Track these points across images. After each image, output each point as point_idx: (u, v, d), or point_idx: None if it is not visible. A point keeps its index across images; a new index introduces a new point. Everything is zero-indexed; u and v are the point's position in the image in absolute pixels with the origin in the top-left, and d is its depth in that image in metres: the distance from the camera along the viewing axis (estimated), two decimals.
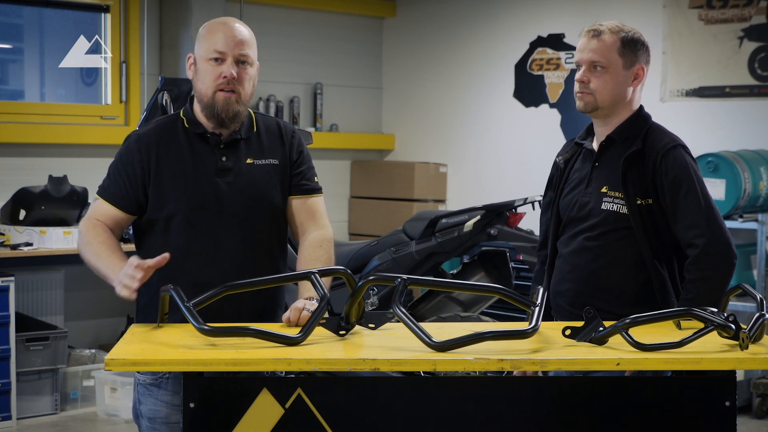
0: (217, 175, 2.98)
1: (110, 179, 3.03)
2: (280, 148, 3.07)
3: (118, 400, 5.90)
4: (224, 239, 2.97)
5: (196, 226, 2.96)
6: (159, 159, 2.99)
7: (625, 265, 3.07)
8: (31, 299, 6.31)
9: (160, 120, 3.12)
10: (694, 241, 2.98)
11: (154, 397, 2.96)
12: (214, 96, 2.95)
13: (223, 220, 2.97)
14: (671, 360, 2.43)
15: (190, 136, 3.02)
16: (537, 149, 7.53)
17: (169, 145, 3.00)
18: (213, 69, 2.96)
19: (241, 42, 2.98)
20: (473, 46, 7.99)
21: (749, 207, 6.17)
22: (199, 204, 2.96)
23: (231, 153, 3.01)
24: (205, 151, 3.00)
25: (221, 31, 2.98)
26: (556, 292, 3.19)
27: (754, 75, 6.61)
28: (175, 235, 2.97)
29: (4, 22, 6.94)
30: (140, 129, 3.11)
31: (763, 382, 5.94)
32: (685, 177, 3.02)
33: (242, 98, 2.98)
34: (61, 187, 6.07)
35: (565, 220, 3.20)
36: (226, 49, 2.95)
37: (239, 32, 3.00)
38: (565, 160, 3.25)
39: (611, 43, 3.10)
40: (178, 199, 2.96)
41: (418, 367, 2.46)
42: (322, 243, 3.02)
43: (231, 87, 2.95)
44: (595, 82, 3.10)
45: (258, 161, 3.03)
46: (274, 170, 3.04)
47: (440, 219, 5.54)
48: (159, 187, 2.98)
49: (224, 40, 2.96)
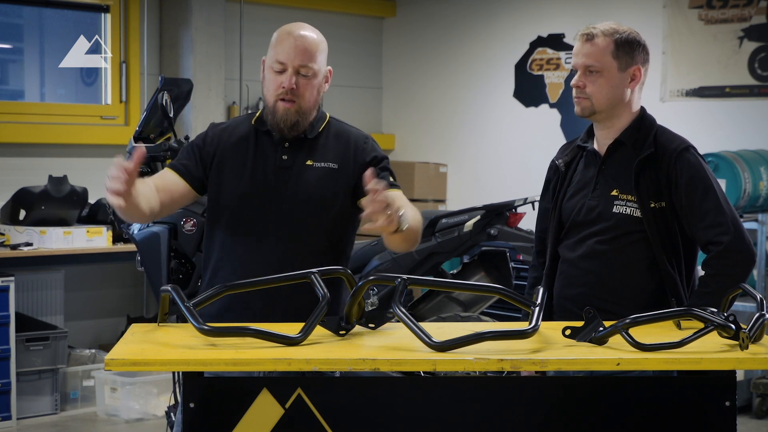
0: (275, 173, 3.06)
1: (184, 153, 3.14)
2: (343, 153, 3.10)
3: (118, 400, 5.90)
4: (269, 234, 3.03)
5: (245, 218, 3.05)
6: (225, 148, 3.09)
7: (638, 268, 3.06)
8: (31, 299, 6.31)
9: (237, 117, 3.24)
10: (717, 238, 2.98)
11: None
12: (275, 105, 3.04)
13: (271, 216, 3.04)
14: (671, 360, 2.43)
15: (259, 132, 3.11)
16: (537, 149, 7.53)
17: (237, 139, 3.11)
18: (275, 78, 3.04)
19: (303, 52, 3.02)
20: (473, 46, 8.00)
21: (749, 207, 6.18)
22: (252, 198, 3.05)
23: (293, 152, 3.08)
24: (269, 149, 3.09)
25: (286, 41, 3.04)
26: (564, 296, 3.16)
27: (754, 75, 6.61)
28: (224, 224, 3.07)
29: (4, 22, 6.94)
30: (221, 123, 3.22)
31: (763, 382, 5.94)
32: (701, 178, 3.02)
33: (302, 108, 3.04)
34: (61, 187, 6.07)
35: (569, 224, 3.17)
36: (287, 60, 3.01)
37: (303, 42, 3.03)
38: (566, 164, 3.24)
39: (604, 47, 3.08)
40: (234, 190, 3.06)
41: (418, 367, 2.46)
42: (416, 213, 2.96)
43: (290, 97, 3.02)
44: (591, 86, 3.08)
45: (317, 164, 3.08)
46: (331, 174, 3.07)
47: (440, 219, 5.53)
48: (219, 176, 3.08)
49: (287, 51, 3.02)
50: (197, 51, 7.04)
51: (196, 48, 7.04)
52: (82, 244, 6.03)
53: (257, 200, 3.05)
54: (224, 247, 3.07)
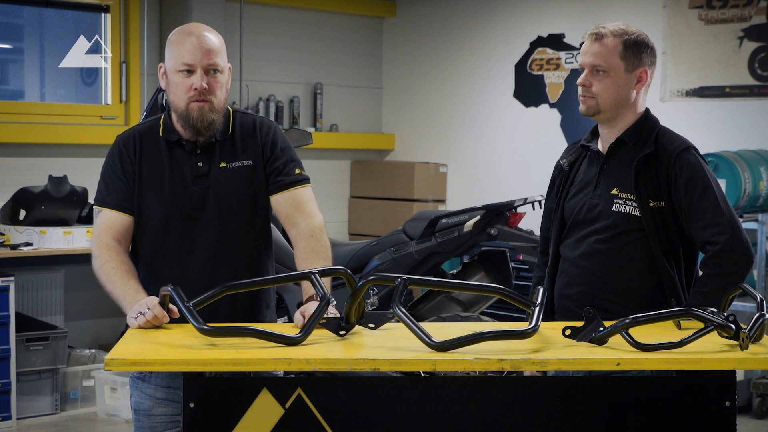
0: (193, 182, 3.01)
1: (106, 186, 3.04)
2: (253, 147, 3.06)
3: (118, 400, 5.90)
4: (197, 244, 3.00)
5: (170, 232, 3.00)
6: (141, 164, 3.03)
7: (637, 267, 3.07)
8: (31, 299, 6.31)
9: (140, 126, 3.13)
10: (715, 238, 2.99)
11: (140, 390, 3.02)
12: (188, 107, 2.97)
13: (198, 226, 3.00)
14: (671, 360, 2.43)
15: (169, 143, 3.05)
16: (537, 149, 7.53)
17: (149, 152, 3.04)
18: (183, 81, 2.97)
19: (209, 51, 2.96)
20: (473, 46, 8.00)
21: (749, 207, 6.18)
22: (174, 211, 3.00)
23: (207, 158, 3.03)
24: (183, 158, 3.03)
25: (188, 42, 2.97)
26: (564, 295, 3.17)
27: (754, 75, 6.61)
28: (149, 241, 3.02)
29: (4, 22, 6.94)
30: (123, 133, 3.12)
31: (763, 382, 5.94)
32: (700, 178, 3.03)
33: (215, 106, 2.99)
34: (61, 187, 6.08)
35: (571, 222, 3.18)
36: (194, 60, 2.95)
37: (206, 41, 2.98)
38: (570, 163, 3.24)
39: (613, 47, 3.09)
40: (155, 206, 3.01)
41: (418, 367, 2.46)
42: (313, 232, 2.99)
43: (203, 97, 2.96)
44: (597, 85, 3.09)
45: (231, 164, 3.04)
46: (247, 172, 3.04)
47: (440, 219, 5.54)
48: (139, 193, 3.02)
49: (192, 51, 2.96)
50: None
51: None
52: (82, 244, 6.03)
53: (180, 213, 3.00)
54: (150, 266, 3.03)
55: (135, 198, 3.01)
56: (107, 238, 2.99)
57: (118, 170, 3.03)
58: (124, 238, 3.00)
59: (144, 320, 2.67)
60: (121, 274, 2.91)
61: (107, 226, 3.01)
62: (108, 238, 2.98)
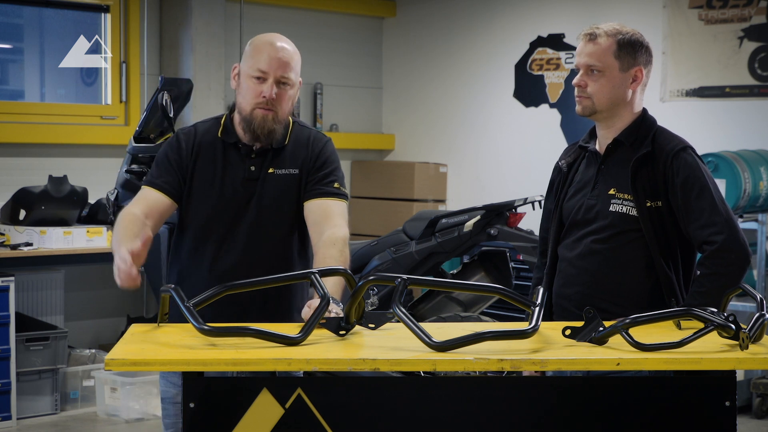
0: (242, 185, 3.07)
1: (158, 169, 3.10)
2: (303, 158, 3.12)
3: (118, 400, 5.90)
4: (232, 249, 3.06)
5: (210, 233, 3.07)
6: (196, 160, 3.09)
7: (635, 267, 3.07)
8: (31, 299, 6.31)
9: (201, 123, 3.20)
10: (712, 238, 2.99)
11: (165, 378, 3.10)
12: (253, 112, 3.04)
13: (236, 230, 3.06)
14: (671, 360, 2.43)
15: (226, 144, 3.11)
16: (537, 149, 7.53)
17: (206, 150, 3.11)
18: (254, 87, 3.03)
19: (285, 64, 3.05)
20: (473, 46, 8.00)
21: (749, 207, 6.17)
22: (219, 212, 3.07)
23: (259, 163, 3.09)
24: (237, 160, 3.10)
25: (267, 51, 3.05)
26: (562, 295, 3.17)
27: (754, 75, 6.61)
28: (188, 239, 3.09)
29: (4, 22, 6.94)
30: (184, 128, 3.19)
31: (763, 382, 5.94)
32: (697, 177, 3.03)
33: (279, 117, 3.06)
34: (61, 187, 6.07)
35: (569, 223, 3.19)
36: (269, 69, 3.03)
37: (284, 54, 3.06)
38: (568, 164, 3.25)
39: (607, 47, 3.09)
40: (202, 205, 3.07)
41: (418, 367, 2.46)
42: (335, 242, 2.99)
43: (269, 106, 3.03)
44: (592, 85, 3.10)
45: (279, 171, 3.09)
46: (293, 180, 3.10)
47: (440, 219, 5.54)
48: (189, 189, 3.08)
49: (268, 60, 3.03)
50: (197, 51, 7.05)
51: (196, 48, 7.04)
52: (82, 244, 6.03)
53: (226, 212, 3.06)
54: (192, 257, 3.09)
55: (184, 194, 3.07)
56: (136, 207, 3.02)
57: (172, 158, 3.09)
58: (153, 215, 3.02)
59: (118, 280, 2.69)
60: (125, 232, 2.90)
61: (143, 198, 3.06)
62: (137, 208, 3.01)
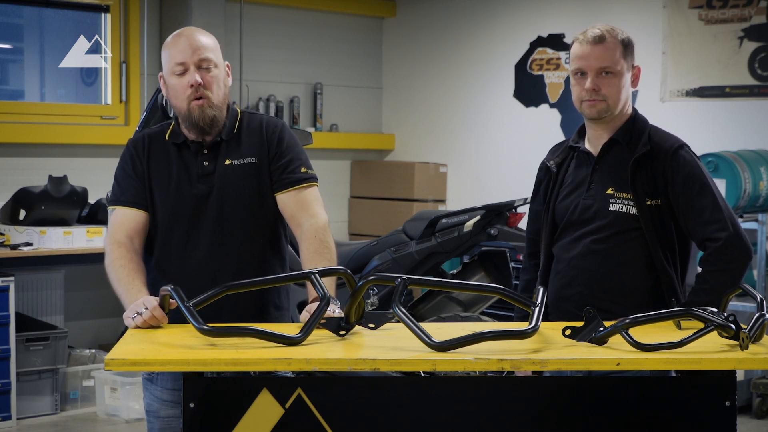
0: (199, 181, 3.03)
1: (120, 186, 3.07)
2: (259, 145, 3.07)
3: (118, 400, 5.90)
4: (200, 243, 3.01)
5: (174, 231, 3.02)
6: (149, 165, 3.06)
7: (635, 266, 3.07)
8: (31, 299, 6.31)
9: (150, 129, 3.17)
10: (715, 234, 2.99)
11: (150, 392, 3.05)
12: (189, 108, 2.99)
13: (201, 224, 3.02)
14: (671, 360, 2.43)
15: (177, 146, 3.07)
16: (537, 149, 7.48)
17: (158, 153, 3.07)
18: (179, 81, 2.99)
19: (198, 48, 2.99)
20: (473, 46, 8.00)
21: (749, 207, 6.18)
22: (179, 209, 3.02)
23: (213, 157, 3.05)
24: (190, 159, 3.05)
25: (176, 44, 3.01)
26: (561, 297, 3.15)
27: (754, 75, 6.61)
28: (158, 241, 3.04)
29: (4, 22, 6.94)
30: (133, 137, 3.16)
31: (763, 382, 5.94)
32: (697, 175, 3.03)
33: (214, 102, 3.00)
34: (61, 187, 6.07)
35: (564, 224, 3.17)
36: (185, 58, 2.98)
37: (195, 39, 3.01)
38: (557, 165, 3.24)
39: (614, 47, 3.08)
40: (162, 206, 3.03)
41: (418, 367, 2.46)
42: (316, 233, 2.99)
43: (200, 94, 2.98)
44: (606, 88, 3.07)
45: (235, 161, 3.05)
46: (252, 169, 3.05)
47: (440, 219, 5.54)
48: (150, 194, 3.05)
49: (181, 50, 2.99)
50: None
51: None
52: (82, 244, 6.03)
53: (185, 212, 3.02)
54: (159, 266, 3.05)
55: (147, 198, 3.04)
56: (119, 234, 2.99)
57: (129, 170, 3.06)
58: (137, 234, 3.01)
59: (141, 320, 2.67)
60: (128, 272, 2.90)
61: (120, 222, 3.02)
62: (120, 235, 2.99)
